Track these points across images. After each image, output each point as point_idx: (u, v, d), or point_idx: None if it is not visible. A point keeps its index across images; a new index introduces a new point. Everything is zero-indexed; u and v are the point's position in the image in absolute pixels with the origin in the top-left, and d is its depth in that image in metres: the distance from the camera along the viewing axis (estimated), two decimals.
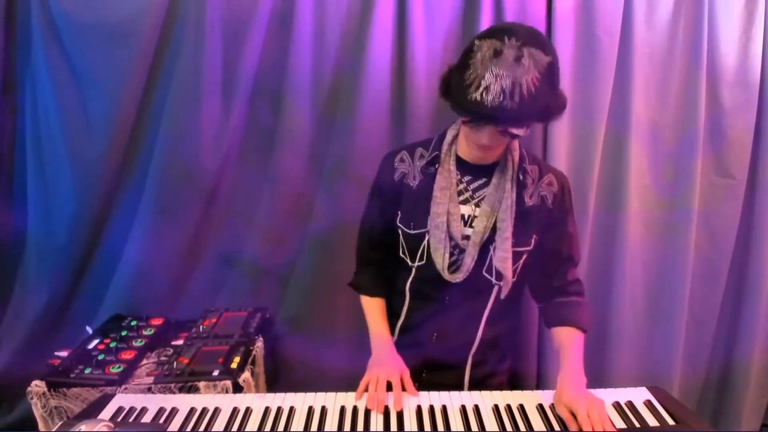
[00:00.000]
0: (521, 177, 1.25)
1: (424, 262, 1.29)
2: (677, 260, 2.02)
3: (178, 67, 1.81)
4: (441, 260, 1.24)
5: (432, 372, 1.32)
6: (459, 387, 1.38)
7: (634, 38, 1.86)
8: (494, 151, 1.21)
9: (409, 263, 1.32)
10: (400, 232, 1.32)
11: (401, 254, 1.34)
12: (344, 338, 1.96)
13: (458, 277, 1.26)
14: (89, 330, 1.79)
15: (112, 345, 1.67)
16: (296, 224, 1.94)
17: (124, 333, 1.76)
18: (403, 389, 1.22)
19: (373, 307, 1.41)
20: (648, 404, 1.19)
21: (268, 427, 1.13)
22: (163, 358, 1.66)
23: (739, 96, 1.94)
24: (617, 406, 1.18)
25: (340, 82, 1.86)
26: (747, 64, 1.92)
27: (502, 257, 1.22)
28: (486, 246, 1.24)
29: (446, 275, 1.26)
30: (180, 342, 1.74)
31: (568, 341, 1.29)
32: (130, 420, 1.15)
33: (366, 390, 1.21)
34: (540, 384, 2.07)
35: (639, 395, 1.22)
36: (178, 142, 1.84)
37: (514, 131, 1.10)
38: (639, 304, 2.07)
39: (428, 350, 1.35)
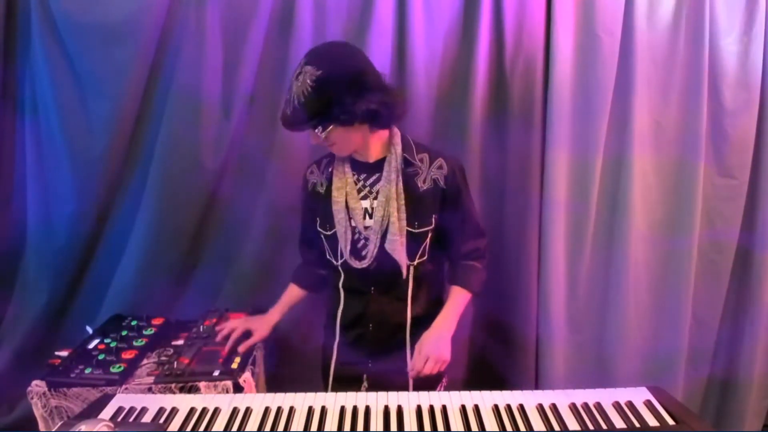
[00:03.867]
0: (403, 165, 1.41)
1: (344, 259, 1.44)
2: (680, 261, 2.02)
3: (178, 67, 1.81)
4: (345, 249, 1.41)
5: (376, 360, 1.43)
6: (403, 370, 1.46)
7: (635, 38, 1.86)
8: (337, 148, 1.39)
9: (335, 263, 1.48)
10: (322, 237, 1.48)
11: (328, 256, 1.50)
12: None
13: (364, 263, 1.41)
14: (89, 330, 1.79)
15: (112, 345, 1.66)
16: (297, 224, 1.94)
17: (124, 333, 1.75)
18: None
19: (288, 291, 1.64)
20: (648, 404, 1.19)
21: (268, 427, 1.13)
22: (163, 358, 1.65)
23: (740, 96, 1.94)
24: (617, 405, 1.18)
25: None
26: (748, 65, 1.92)
27: (391, 240, 1.39)
28: (387, 235, 1.40)
29: (354, 263, 1.42)
30: (180, 342, 1.74)
31: (452, 297, 1.50)
32: (130, 420, 1.15)
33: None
34: (540, 384, 2.07)
35: (639, 395, 1.22)
36: (179, 142, 1.84)
37: (310, 128, 1.32)
38: (642, 304, 2.06)
39: (368, 340, 1.49)
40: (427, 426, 1.12)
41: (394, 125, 1.45)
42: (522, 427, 1.11)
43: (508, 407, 1.17)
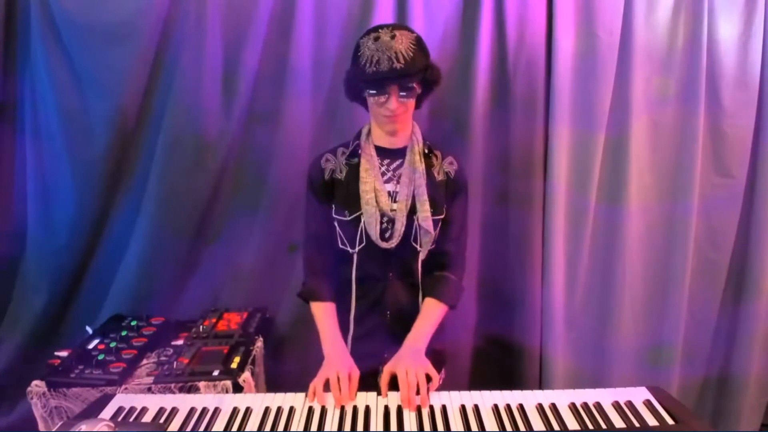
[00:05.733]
0: (427, 151, 1.47)
1: (364, 244, 1.43)
2: (677, 259, 2.03)
3: (178, 67, 1.81)
4: (374, 231, 1.40)
5: (392, 349, 1.38)
6: None
7: (634, 38, 1.86)
8: (401, 118, 1.40)
9: (350, 251, 1.45)
10: (336, 223, 1.46)
11: (341, 245, 1.46)
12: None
13: (392, 243, 1.41)
14: (89, 330, 1.79)
15: (112, 345, 1.67)
16: (297, 224, 1.94)
17: (124, 333, 1.76)
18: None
19: (324, 312, 1.46)
20: (648, 404, 1.19)
21: (268, 427, 1.13)
22: (163, 358, 1.66)
23: (738, 96, 1.94)
24: (617, 405, 1.18)
25: (340, 81, 1.85)
26: (746, 64, 1.92)
27: (424, 216, 1.41)
28: (411, 216, 1.42)
29: (381, 243, 1.41)
30: (180, 342, 1.75)
31: (426, 310, 1.46)
32: (130, 420, 1.15)
33: (324, 390, 1.26)
34: (540, 384, 2.07)
35: (639, 395, 1.22)
36: (179, 142, 1.84)
37: (410, 85, 1.33)
38: (639, 302, 2.07)
39: (386, 329, 1.47)
40: (427, 426, 1.12)
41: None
42: (522, 427, 1.11)
43: (508, 407, 1.17)
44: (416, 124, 1.48)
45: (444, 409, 1.17)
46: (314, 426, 1.13)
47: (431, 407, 1.18)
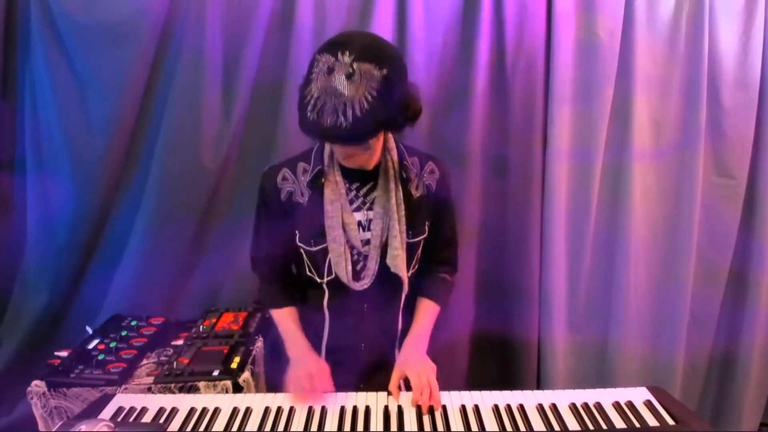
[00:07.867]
0: (404, 174, 1.28)
1: (333, 276, 1.29)
2: (678, 260, 2.03)
3: (178, 67, 1.81)
4: (344, 273, 1.26)
5: (367, 380, 1.32)
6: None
7: (635, 38, 1.86)
8: (360, 158, 1.21)
9: (318, 280, 1.31)
10: (302, 251, 1.30)
11: (308, 273, 1.33)
12: None
13: (365, 284, 1.27)
14: (89, 330, 1.79)
15: (112, 345, 1.66)
16: None
17: (124, 333, 1.75)
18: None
19: (283, 317, 1.39)
20: (648, 404, 1.19)
21: (268, 427, 1.13)
22: (163, 358, 1.65)
23: (739, 96, 1.94)
24: (617, 406, 1.18)
25: None
26: (747, 64, 1.92)
27: (393, 255, 1.26)
28: (385, 251, 1.27)
29: (353, 285, 1.27)
30: (180, 342, 1.74)
31: (422, 311, 1.38)
32: (130, 420, 1.15)
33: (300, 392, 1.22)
34: (540, 384, 2.07)
35: (639, 395, 1.22)
36: (179, 142, 1.84)
37: (358, 146, 1.13)
38: (641, 304, 2.07)
39: (360, 360, 1.36)
40: (427, 426, 1.12)
41: None
42: (522, 427, 1.11)
43: (508, 407, 1.17)
44: (391, 137, 1.29)
45: (444, 409, 1.17)
46: (314, 426, 1.13)
47: (431, 407, 1.18)
